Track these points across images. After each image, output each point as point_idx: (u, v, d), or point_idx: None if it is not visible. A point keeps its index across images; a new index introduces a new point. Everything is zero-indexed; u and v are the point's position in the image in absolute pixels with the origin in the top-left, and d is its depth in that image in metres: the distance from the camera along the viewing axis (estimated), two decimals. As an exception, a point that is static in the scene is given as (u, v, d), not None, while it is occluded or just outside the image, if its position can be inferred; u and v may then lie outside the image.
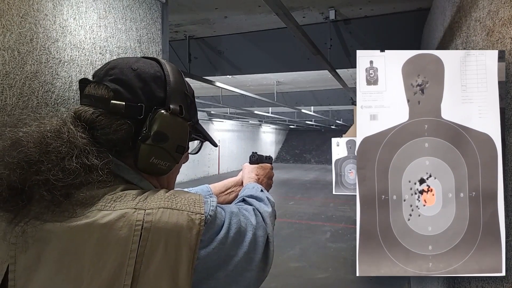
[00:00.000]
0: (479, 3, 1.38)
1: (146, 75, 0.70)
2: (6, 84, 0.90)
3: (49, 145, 0.60)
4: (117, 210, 0.60)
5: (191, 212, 0.64)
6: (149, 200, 0.63)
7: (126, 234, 0.58)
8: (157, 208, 0.62)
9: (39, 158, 0.58)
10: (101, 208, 0.61)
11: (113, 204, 0.62)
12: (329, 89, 8.41)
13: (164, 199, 0.64)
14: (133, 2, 1.32)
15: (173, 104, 0.70)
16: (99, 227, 0.58)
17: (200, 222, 0.63)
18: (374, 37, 3.75)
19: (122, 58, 0.74)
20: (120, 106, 0.67)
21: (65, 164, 0.59)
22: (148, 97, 0.70)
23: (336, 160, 3.65)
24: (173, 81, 0.72)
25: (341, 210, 8.67)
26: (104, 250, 0.58)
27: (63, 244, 0.59)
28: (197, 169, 15.48)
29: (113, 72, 0.69)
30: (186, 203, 0.65)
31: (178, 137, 0.72)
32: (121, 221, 0.59)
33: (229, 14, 3.69)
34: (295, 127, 23.66)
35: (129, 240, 0.58)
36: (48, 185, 0.58)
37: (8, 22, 0.90)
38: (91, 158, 0.63)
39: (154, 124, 0.68)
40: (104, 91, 0.68)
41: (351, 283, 4.41)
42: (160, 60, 0.75)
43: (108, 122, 0.67)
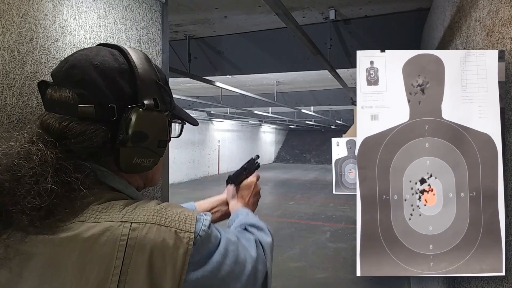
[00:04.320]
0: (479, 3, 1.37)
1: (111, 70, 0.63)
2: (6, 84, 0.89)
3: (20, 170, 0.55)
4: (102, 223, 0.57)
5: (180, 230, 0.59)
6: (137, 212, 0.59)
7: (110, 249, 0.55)
8: (144, 223, 0.58)
9: (10, 185, 0.54)
10: (85, 219, 0.58)
11: (98, 215, 0.58)
12: (329, 89, 8.41)
13: (153, 213, 0.59)
14: (133, 2, 1.31)
15: (146, 99, 0.64)
16: (82, 241, 0.56)
17: (188, 241, 0.59)
18: (374, 37, 3.75)
19: (80, 52, 0.66)
20: (90, 110, 0.61)
21: (40, 188, 0.55)
22: (117, 96, 0.63)
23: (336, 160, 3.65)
24: (142, 72, 0.65)
25: (341, 210, 8.68)
26: (87, 265, 0.55)
27: (46, 258, 0.56)
28: (197, 169, 15.48)
29: (73, 72, 0.62)
30: (177, 219, 0.60)
31: (158, 132, 0.67)
32: (105, 236, 0.56)
33: (229, 14, 3.69)
34: (295, 127, 23.66)
35: (112, 256, 0.55)
36: (24, 212, 0.54)
37: (8, 22, 0.90)
38: (69, 174, 0.58)
39: (130, 124, 0.62)
40: (68, 96, 0.61)
41: (351, 283, 4.41)
42: (123, 48, 0.68)
43: (80, 129, 0.60)
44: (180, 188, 12.22)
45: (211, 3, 3.39)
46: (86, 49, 0.68)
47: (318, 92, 8.69)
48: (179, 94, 8.56)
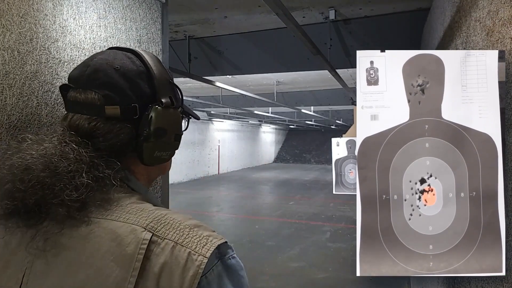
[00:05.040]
0: (479, 3, 1.37)
1: (131, 73, 0.69)
2: (6, 84, 0.89)
3: (58, 168, 0.60)
4: (129, 224, 0.60)
5: (194, 252, 0.58)
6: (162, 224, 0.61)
7: (133, 251, 0.57)
8: (164, 238, 0.59)
9: (50, 181, 0.59)
10: (115, 218, 0.61)
11: (127, 216, 0.61)
12: (329, 89, 8.41)
13: (175, 230, 0.60)
14: (133, 2, 1.31)
15: (163, 97, 0.70)
16: (109, 239, 0.59)
17: (199, 265, 0.57)
18: (374, 37, 3.75)
19: (99, 56, 0.70)
20: (116, 111, 0.66)
21: (77, 182, 0.60)
22: (138, 96, 0.69)
23: (336, 160, 3.65)
24: (157, 73, 0.71)
25: (341, 210, 8.67)
26: (110, 262, 0.57)
27: (76, 251, 0.60)
28: (197, 169, 15.48)
29: (97, 76, 0.67)
30: (196, 241, 0.59)
31: (175, 127, 0.73)
32: (130, 237, 0.58)
33: (229, 14, 3.69)
34: (295, 127, 23.66)
35: (133, 258, 0.57)
36: (64, 204, 0.59)
37: (8, 22, 0.90)
38: (101, 170, 0.63)
39: (152, 122, 0.68)
40: (94, 98, 0.66)
41: (351, 283, 4.41)
42: (138, 52, 0.73)
43: (108, 128, 0.66)
44: (180, 188, 12.22)
45: (211, 3, 3.39)
46: (102, 53, 0.72)
47: (318, 92, 8.69)
48: (179, 94, 8.53)
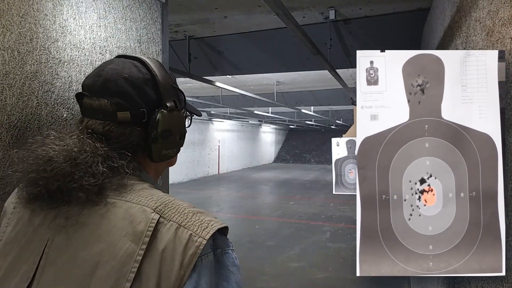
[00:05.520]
0: (479, 3, 1.37)
1: (138, 80, 0.77)
2: (6, 84, 0.89)
3: (77, 159, 0.69)
4: (140, 205, 0.68)
5: (195, 234, 0.65)
6: (169, 207, 0.69)
7: (143, 227, 0.65)
8: (169, 220, 0.66)
9: (70, 170, 0.68)
10: (128, 200, 0.70)
11: (139, 198, 0.70)
12: (329, 89, 8.41)
13: (180, 214, 0.68)
14: (133, 2, 1.31)
15: (168, 102, 0.79)
16: (123, 217, 0.67)
17: (199, 246, 0.64)
18: (374, 37, 3.75)
19: (109, 66, 0.78)
20: (127, 116, 0.75)
21: (94, 170, 0.69)
22: (146, 102, 0.77)
23: (336, 160, 3.65)
24: (161, 79, 0.79)
25: (341, 210, 8.67)
26: (123, 237, 0.65)
27: (93, 227, 0.68)
28: (197, 169, 15.48)
29: (109, 85, 0.75)
30: (198, 224, 0.66)
31: (179, 127, 0.82)
32: (141, 216, 0.67)
33: (229, 14, 3.69)
34: (295, 127, 23.66)
35: (143, 233, 0.65)
36: (83, 189, 0.68)
37: (8, 22, 0.90)
38: (115, 161, 0.72)
39: (159, 124, 0.77)
40: (107, 105, 0.75)
41: (351, 283, 4.41)
42: (144, 60, 0.80)
43: (120, 131, 0.75)
44: (180, 188, 12.22)
45: (211, 3, 3.39)
46: (112, 62, 0.80)
47: (318, 92, 8.69)
48: (179, 94, 8.54)
